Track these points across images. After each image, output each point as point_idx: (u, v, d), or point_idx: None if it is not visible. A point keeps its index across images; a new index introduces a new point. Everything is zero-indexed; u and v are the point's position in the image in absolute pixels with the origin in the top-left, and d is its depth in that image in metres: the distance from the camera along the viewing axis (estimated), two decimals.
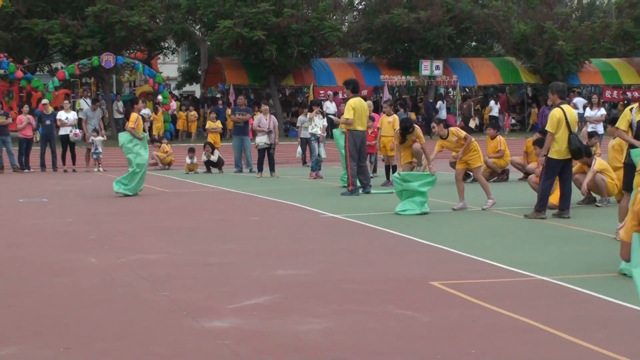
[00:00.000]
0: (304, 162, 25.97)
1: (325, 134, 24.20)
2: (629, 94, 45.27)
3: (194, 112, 40.54)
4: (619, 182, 15.73)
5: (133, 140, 18.14)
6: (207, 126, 29.08)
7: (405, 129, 16.33)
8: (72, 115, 26.92)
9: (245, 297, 8.60)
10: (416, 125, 16.98)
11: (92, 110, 28.10)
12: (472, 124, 42.39)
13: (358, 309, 8.12)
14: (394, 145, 17.51)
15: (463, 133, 15.63)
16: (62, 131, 26.18)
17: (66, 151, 26.48)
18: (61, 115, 26.43)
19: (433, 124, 18.55)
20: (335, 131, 19.82)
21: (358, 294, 8.80)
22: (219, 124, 27.79)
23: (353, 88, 18.22)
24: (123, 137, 18.34)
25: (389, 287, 9.10)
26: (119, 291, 9.08)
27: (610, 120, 17.95)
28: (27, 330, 7.52)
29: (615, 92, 46.82)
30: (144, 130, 19.83)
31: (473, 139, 15.51)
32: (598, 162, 15.63)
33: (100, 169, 26.20)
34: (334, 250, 11.46)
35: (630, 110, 12.00)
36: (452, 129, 16.11)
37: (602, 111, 29.11)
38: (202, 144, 26.48)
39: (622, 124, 11.98)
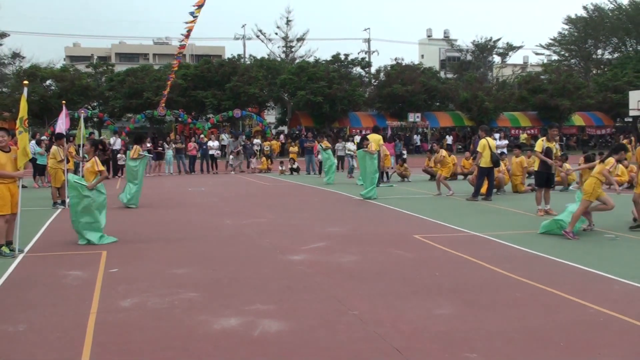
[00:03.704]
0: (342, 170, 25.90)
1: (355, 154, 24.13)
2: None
3: (267, 143, 34.37)
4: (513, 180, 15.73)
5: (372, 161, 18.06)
6: (290, 149, 29.24)
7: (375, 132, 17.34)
8: (216, 144, 27.31)
9: (311, 242, 8.58)
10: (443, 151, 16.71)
11: (233, 141, 28.56)
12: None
13: (372, 249, 8.05)
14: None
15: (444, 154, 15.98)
16: (211, 152, 26.60)
17: (214, 163, 26.80)
18: (210, 143, 26.82)
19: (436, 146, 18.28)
20: (359, 152, 19.61)
21: (373, 241, 8.72)
22: (296, 148, 27.72)
23: (373, 129, 18.46)
24: (362, 156, 17.82)
25: (390, 238, 9.00)
26: (242, 239, 9.10)
27: (517, 146, 17.75)
28: (193, 259, 7.58)
29: (517, 130, 46.20)
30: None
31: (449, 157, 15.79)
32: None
33: (232, 172, 26.39)
34: (359, 217, 11.39)
35: (542, 140, 11.57)
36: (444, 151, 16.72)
37: (506, 141, 28.88)
38: (288, 159, 26.60)
39: (538, 148, 11.49)
